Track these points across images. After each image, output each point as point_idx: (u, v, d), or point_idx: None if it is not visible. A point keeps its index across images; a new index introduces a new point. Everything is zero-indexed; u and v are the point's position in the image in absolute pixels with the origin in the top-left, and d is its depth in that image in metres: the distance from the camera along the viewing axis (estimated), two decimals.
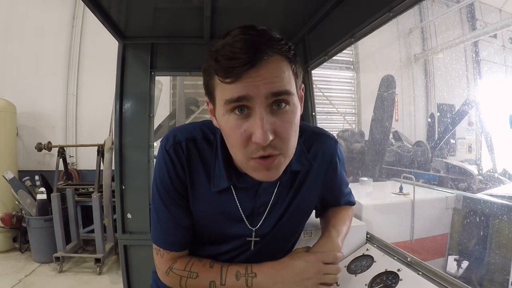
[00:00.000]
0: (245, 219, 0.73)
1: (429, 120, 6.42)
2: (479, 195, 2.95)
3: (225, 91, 0.56)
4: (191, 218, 0.74)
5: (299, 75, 0.62)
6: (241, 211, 0.72)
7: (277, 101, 0.56)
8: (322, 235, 0.78)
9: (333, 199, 0.89)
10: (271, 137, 0.55)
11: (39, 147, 3.73)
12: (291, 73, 0.59)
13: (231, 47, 0.54)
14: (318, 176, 0.78)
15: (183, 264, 0.73)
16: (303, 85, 0.69)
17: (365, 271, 0.90)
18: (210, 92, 0.61)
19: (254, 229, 0.74)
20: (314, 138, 0.77)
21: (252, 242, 0.75)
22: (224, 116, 0.58)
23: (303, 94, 0.69)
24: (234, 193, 0.71)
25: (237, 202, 0.72)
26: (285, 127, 0.58)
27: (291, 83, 0.58)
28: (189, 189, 0.71)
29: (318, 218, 0.94)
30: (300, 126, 0.73)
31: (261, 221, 0.74)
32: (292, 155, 0.64)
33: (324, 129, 0.84)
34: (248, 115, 0.56)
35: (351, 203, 0.94)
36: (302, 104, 0.69)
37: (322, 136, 0.79)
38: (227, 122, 0.58)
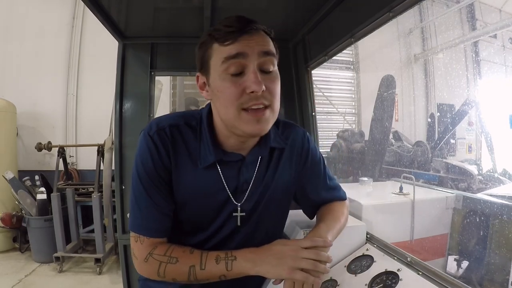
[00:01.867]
0: (230, 195, 0.77)
1: (429, 120, 6.42)
2: (479, 195, 2.95)
3: (223, 52, 0.66)
4: (172, 204, 0.76)
5: (277, 52, 0.72)
6: (226, 187, 0.76)
7: (266, 62, 0.67)
8: (310, 231, 0.79)
9: (314, 188, 0.90)
10: (263, 87, 0.65)
11: (39, 147, 3.73)
12: (273, 47, 0.71)
13: (227, 20, 0.68)
14: (292, 159, 0.85)
15: (163, 249, 0.73)
16: None
17: (365, 271, 0.89)
18: (204, 63, 0.70)
19: (239, 204, 0.78)
20: (285, 126, 0.87)
21: (238, 218, 0.78)
22: (220, 77, 0.67)
23: None
24: (219, 169, 0.75)
25: (223, 178, 0.75)
26: (273, 84, 0.68)
27: (274, 51, 0.70)
28: (174, 173, 0.74)
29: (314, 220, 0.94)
30: None
31: (245, 197, 0.78)
32: (277, 114, 0.72)
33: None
34: (242, 74, 0.66)
35: (341, 198, 0.94)
36: None
37: (292, 125, 0.89)
38: (223, 82, 0.67)
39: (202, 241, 0.79)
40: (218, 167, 0.75)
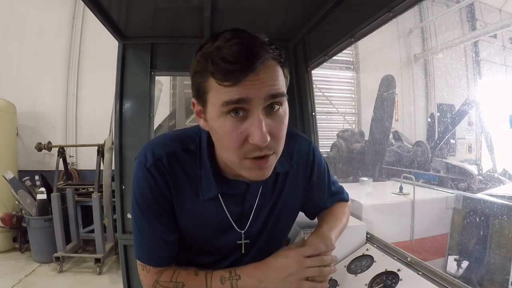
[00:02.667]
0: (234, 224, 0.74)
1: (429, 120, 6.42)
2: (479, 195, 2.95)
3: (222, 93, 0.56)
4: (176, 232, 0.73)
5: (287, 77, 0.64)
6: (229, 217, 0.73)
7: (272, 103, 0.58)
8: (313, 232, 0.79)
9: (320, 198, 0.89)
10: (269, 139, 0.57)
11: (39, 147, 3.74)
12: (282, 76, 0.60)
13: (229, 50, 0.54)
14: (298, 176, 0.80)
15: (169, 275, 0.72)
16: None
17: (365, 271, 0.90)
18: (201, 94, 0.61)
19: (242, 232, 0.75)
20: (289, 140, 0.78)
21: (243, 245, 0.76)
22: (219, 118, 0.58)
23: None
24: (221, 200, 0.72)
25: (225, 209, 0.72)
26: (279, 128, 0.60)
27: (284, 86, 0.61)
28: (175, 204, 0.71)
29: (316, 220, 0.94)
30: None
31: (248, 223, 0.75)
32: (281, 153, 0.65)
33: (298, 131, 0.87)
34: (245, 117, 0.57)
35: (344, 200, 0.93)
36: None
37: (296, 137, 0.81)
38: (222, 125, 0.58)
39: (210, 263, 0.77)
40: (221, 198, 0.71)
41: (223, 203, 0.72)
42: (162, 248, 0.72)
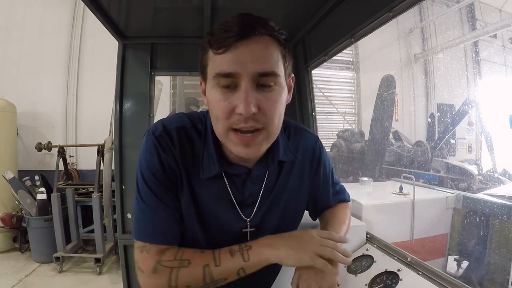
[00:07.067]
0: (238, 208, 0.72)
1: (429, 120, 6.43)
2: (479, 195, 2.95)
3: (216, 64, 0.59)
4: (181, 208, 0.70)
5: (288, 60, 0.65)
6: (233, 199, 0.72)
7: (264, 81, 0.59)
8: None
9: (324, 196, 0.88)
10: (253, 109, 0.58)
11: (39, 147, 3.74)
12: (279, 56, 0.62)
13: (227, 22, 0.59)
14: (304, 169, 0.80)
15: (173, 254, 0.66)
16: (292, 75, 0.70)
17: (365, 271, 0.90)
18: (203, 68, 0.64)
19: (248, 219, 0.73)
20: (295, 132, 0.80)
21: (248, 233, 0.74)
22: (212, 89, 0.61)
23: (292, 84, 0.70)
24: (225, 180, 0.71)
25: (229, 190, 0.71)
26: (269, 104, 0.60)
27: (278, 65, 0.61)
28: (180, 178, 0.69)
29: (317, 220, 0.93)
30: (284, 121, 0.74)
31: (254, 211, 0.74)
32: (276, 135, 0.66)
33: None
34: (234, 90, 0.59)
35: (345, 200, 0.94)
36: (291, 94, 0.70)
37: (303, 131, 0.82)
38: (214, 95, 0.61)
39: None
40: (225, 178, 0.70)
41: (227, 184, 0.71)
42: (167, 222, 0.68)
